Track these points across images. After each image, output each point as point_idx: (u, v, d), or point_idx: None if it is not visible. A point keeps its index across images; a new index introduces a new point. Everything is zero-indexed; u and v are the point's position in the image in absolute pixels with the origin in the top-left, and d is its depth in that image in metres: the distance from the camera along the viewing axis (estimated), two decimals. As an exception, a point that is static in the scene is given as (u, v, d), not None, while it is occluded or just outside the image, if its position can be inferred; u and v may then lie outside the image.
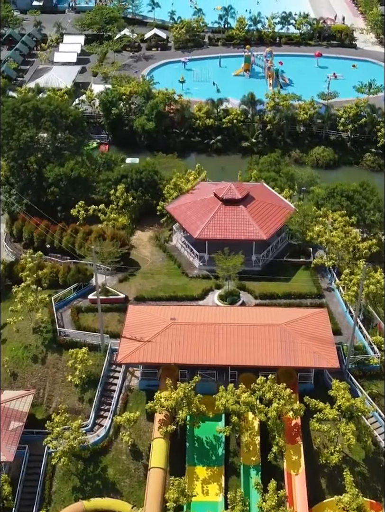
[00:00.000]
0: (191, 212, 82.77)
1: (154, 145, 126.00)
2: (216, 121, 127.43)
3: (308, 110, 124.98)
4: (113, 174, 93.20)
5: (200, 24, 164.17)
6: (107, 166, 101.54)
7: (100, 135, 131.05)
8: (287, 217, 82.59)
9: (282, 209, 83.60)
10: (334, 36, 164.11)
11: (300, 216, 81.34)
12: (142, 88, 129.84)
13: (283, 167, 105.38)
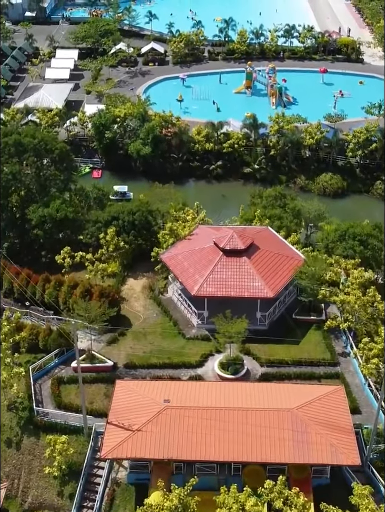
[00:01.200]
0: (188, 264, 72.53)
1: (150, 171, 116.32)
2: (216, 146, 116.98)
3: (314, 135, 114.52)
4: (103, 215, 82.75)
5: (199, 38, 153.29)
6: (98, 202, 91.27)
7: (93, 159, 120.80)
8: (296, 270, 72.25)
9: (290, 259, 73.34)
10: (340, 50, 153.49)
11: (310, 270, 70.85)
12: (138, 110, 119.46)
13: (289, 201, 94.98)
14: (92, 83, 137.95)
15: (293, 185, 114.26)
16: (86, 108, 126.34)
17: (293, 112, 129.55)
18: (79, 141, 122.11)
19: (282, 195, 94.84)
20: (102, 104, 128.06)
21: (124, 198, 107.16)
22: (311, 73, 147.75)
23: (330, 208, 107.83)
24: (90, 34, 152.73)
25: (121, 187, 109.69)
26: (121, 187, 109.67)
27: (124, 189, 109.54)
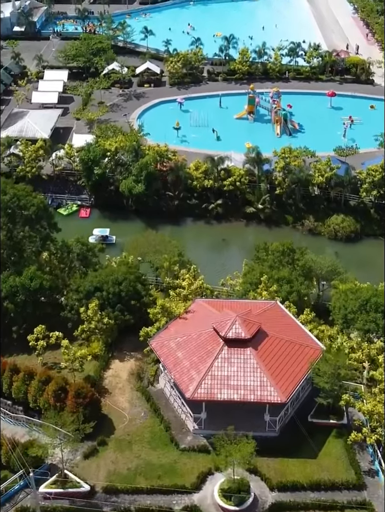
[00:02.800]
0: (183, 354, 58.98)
1: (144, 209, 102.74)
2: (216, 183, 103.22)
3: (324, 172, 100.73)
4: (84, 284, 68.98)
5: (198, 57, 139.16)
6: (82, 259, 77.64)
7: (81, 196, 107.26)
8: (312, 362, 58.66)
9: (304, 348, 59.72)
10: (349, 70, 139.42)
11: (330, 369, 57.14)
12: (130, 143, 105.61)
13: (298, 255, 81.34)
14: (82, 109, 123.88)
15: (301, 227, 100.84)
16: (74, 139, 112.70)
17: (299, 141, 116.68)
18: (66, 176, 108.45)
19: (291, 250, 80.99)
20: (92, 132, 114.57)
21: (105, 242, 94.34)
22: (318, 95, 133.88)
23: (342, 254, 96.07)
24: (81, 52, 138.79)
25: (102, 230, 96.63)
26: (102, 230, 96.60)
27: (105, 232, 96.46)
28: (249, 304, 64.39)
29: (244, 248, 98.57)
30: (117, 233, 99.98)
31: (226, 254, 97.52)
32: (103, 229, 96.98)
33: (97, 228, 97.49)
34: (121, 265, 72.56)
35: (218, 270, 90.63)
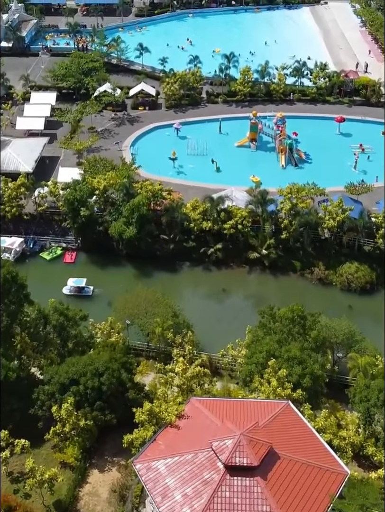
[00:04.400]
0: (174, 483, 46.66)
1: (136, 253, 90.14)
2: (216, 225, 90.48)
3: (335, 215, 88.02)
4: (58, 375, 56.29)
5: (196, 78, 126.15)
6: (60, 331, 65.08)
7: (67, 238, 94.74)
8: (335, 492, 46.09)
9: (324, 472, 47.06)
10: (358, 91, 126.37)
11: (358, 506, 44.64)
12: (121, 179, 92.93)
13: (310, 323, 68.74)
14: (70, 137, 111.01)
15: (310, 276, 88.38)
16: (60, 173, 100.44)
17: (305, 172, 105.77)
18: (50, 215, 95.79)
19: (301, 317, 68.29)
20: (81, 164, 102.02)
21: (81, 294, 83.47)
22: (326, 120, 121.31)
23: (356, 308, 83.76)
24: (71, 72, 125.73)
25: (78, 281, 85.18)
26: (77, 281, 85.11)
27: (81, 283, 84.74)
28: (255, 407, 51.63)
29: (247, 299, 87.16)
30: (105, 281, 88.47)
31: (226, 307, 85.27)
32: (78, 279, 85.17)
33: (72, 278, 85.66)
34: (104, 348, 59.57)
35: (217, 330, 78.82)
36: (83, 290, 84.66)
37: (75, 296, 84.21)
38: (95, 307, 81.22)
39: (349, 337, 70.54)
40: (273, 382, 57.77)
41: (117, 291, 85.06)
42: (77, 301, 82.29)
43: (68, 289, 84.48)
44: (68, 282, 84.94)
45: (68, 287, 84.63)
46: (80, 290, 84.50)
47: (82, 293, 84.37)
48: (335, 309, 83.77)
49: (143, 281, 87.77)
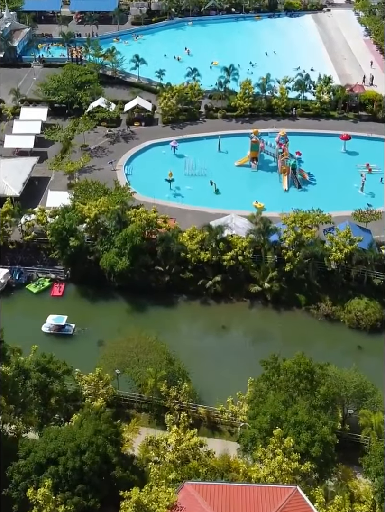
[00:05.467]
0: None
1: (129, 286, 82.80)
2: (215, 256, 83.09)
3: (343, 246, 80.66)
4: (34, 455, 48.93)
5: (194, 92, 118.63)
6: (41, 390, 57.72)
7: (55, 268, 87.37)
8: None
9: None
10: (364, 105, 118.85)
11: None
12: (113, 206, 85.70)
13: (318, 376, 61.42)
14: (60, 157, 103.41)
15: (316, 311, 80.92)
16: (49, 198, 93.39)
17: (309, 195, 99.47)
18: (38, 243, 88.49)
19: (308, 371, 60.92)
20: (72, 187, 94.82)
21: (61, 332, 76.74)
22: (330, 137, 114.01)
23: (366, 348, 76.55)
24: (64, 86, 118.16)
25: (58, 318, 78.25)
26: (58, 318, 78.22)
27: (61, 321, 77.86)
28: (259, 494, 44.32)
29: (248, 338, 79.94)
30: (95, 316, 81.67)
31: (226, 347, 77.90)
32: (59, 317, 78.38)
33: (52, 315, 78.75)
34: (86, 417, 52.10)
35: (216, 374, 71.75)
36: (63, 329, 77.69)
37: (55, 335, 77.29)
38: (79, 348, 74.63)
39: (360, 390, 63.42)
40: (279, 457, 50.43)
41: (107, 329, 78.53)
42: (58, 341, 76.30)
43: (48, 327, 77.54)
44: (48, 320, 77.99)
45: (48, 324, 77.62)
46: (60, 329, 77.55)
47: (62, 331, 77.42)
48: (343, 349, 77.05)
49: (136, 317, 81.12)
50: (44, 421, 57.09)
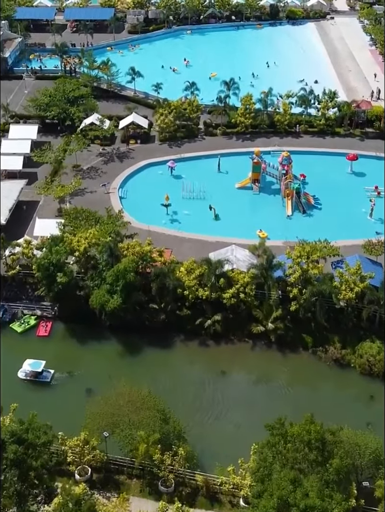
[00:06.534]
0: None
1: (122, 324, 75.45)
2: (214, 293, 75.40)
3: (353, 284, 73.00)
4: None
5: (193, 108, 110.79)
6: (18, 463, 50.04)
7: (42, 304, 79.78)
8: None
9: None
10: (372, 121, 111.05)
11: None
12: (105, 237, 78.06)
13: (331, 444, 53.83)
14: (50, 180, 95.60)
15: (324, 354, 73.15)
16: (37, 226, 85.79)
17: (315, 221, 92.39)
18: (23, 277, 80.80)
19: (319, 439, 53.30)
20: (62, 212, 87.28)
21: (38, 380, 69.49)
22: (336, 156, 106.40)
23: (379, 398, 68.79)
24: (55, 101, 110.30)
25: (35, 364, 70.69)
26: (35, 364, 70.66)
27: (38, 367, 70.35)
28: None
29: (250, 385, 72.85)
30: (83, 359, 74.16)
31: (226, 396, 70.31)
32: (36, 362, 70.84)
33: (29, 360, 71.13)
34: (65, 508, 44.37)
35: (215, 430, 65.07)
36: (40, 376, 70.10)
37: (33, 382, 69.59)
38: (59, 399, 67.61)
39: (376, 456, 55.96)
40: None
41: (96, 374, 71.34)
42: (35, 390, 69.09)
43: (24, 373, 70.15)
44: (24, 365, 70.43)
45: (24, 370, 70.03)
46: (37, 375, 70.01)
47: (39, 378, 69.90)
48: (354, 399, 69.45)
49: (128, 360, 74.20)
50: (21, 499, 49.46)
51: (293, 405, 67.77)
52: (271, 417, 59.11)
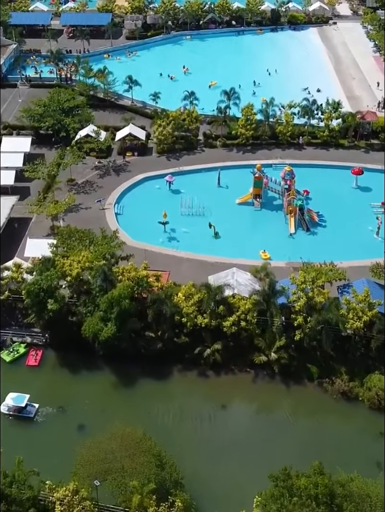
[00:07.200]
0: None
1: (116, 352, 70.31)
2: (214, 320, 70.41)
3: (361, 313, 68.03)
4: None
5: (192, 119, 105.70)
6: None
7: (33, 331, 74.72)
8: None
9: None
10: (377, 133, 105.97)
11: None
12: (99, 260, 73.03)
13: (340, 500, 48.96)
14: (43, 196, 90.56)
15: (330, 387, 68.07)
16: (28, 247, 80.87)
17: (319, 240, 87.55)
18: (13, 302, 75.72)
19: (327, 494, 48.43)
20: (55, 230, 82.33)
21: (21, 415, 64.78)
22: (340, 169, 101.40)
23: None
24: (50, 112, 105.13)
25: (18, 398, 65.95)
26: (18, 398, 65.87)
27: (21, 402, 65.55)
28: None
29: (252, 420, 68.09)
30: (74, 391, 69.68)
31: (226, 434, 65.50)
32: (20, 396, 66.28)
33: (12, 393, 66.46)
34: None
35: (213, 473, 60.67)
36: (24, 411, 65.18)
37: (16, 418, 64.78)
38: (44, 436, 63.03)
39: None
40: None
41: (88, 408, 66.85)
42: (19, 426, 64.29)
43: (6, 407, 65.32)
44: (7, 399, 65.67)
45: (6, 404, 65.17)
46: (21, 410, 65.11)
47: (22, 413, 65.05)
48: (362, 436, 64.48)
49: (123, 392, 69.74)
50: None
51: (298, 443, 63.29)
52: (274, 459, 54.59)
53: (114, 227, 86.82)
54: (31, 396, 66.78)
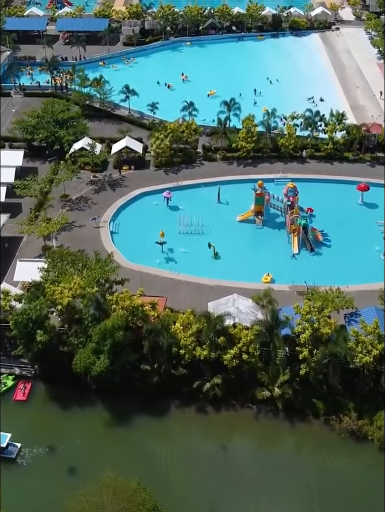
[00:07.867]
0: None
1: (110, 386, 65.19)
2: (213, 352, 65.23)
3: (370, 346, 62.99)
4: None
5: (191, 131, 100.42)
6: None
7: (21, 363, 69.61)
8: None
9: None
10: (383, 146, 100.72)
11: None
12: (91, 288, 67.83)
13: None
14: (34, 215, 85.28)
15: (338, 425, 62.94)
16: (18, 271, 75.56)
17: (324, 261, 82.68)
18: (1, 330, 70.47)
19: None
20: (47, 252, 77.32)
21: (2, 456, 60.25)
22: (345, 184, 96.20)
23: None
24: (43, 124, 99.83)
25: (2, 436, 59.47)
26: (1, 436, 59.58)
27: (3, 441, 60.61)
28: None
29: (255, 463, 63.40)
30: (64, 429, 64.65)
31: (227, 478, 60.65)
32: (1, 435, 60.19)
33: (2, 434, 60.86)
34: None
35: None
36: (5, 450, 60.22)
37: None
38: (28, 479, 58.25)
39: None
40: None
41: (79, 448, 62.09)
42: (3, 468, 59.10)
43: None
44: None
45: None
46: (2, 451, 59.93)
47: (3, 454, 60.11)
48: (372, 479, 59.42)
49: (115, 430, 64.69)
50: None
51: (304, 488, 58.40)
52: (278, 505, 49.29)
53: (109, 247, 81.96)
54: (17, 435, 61.99)
